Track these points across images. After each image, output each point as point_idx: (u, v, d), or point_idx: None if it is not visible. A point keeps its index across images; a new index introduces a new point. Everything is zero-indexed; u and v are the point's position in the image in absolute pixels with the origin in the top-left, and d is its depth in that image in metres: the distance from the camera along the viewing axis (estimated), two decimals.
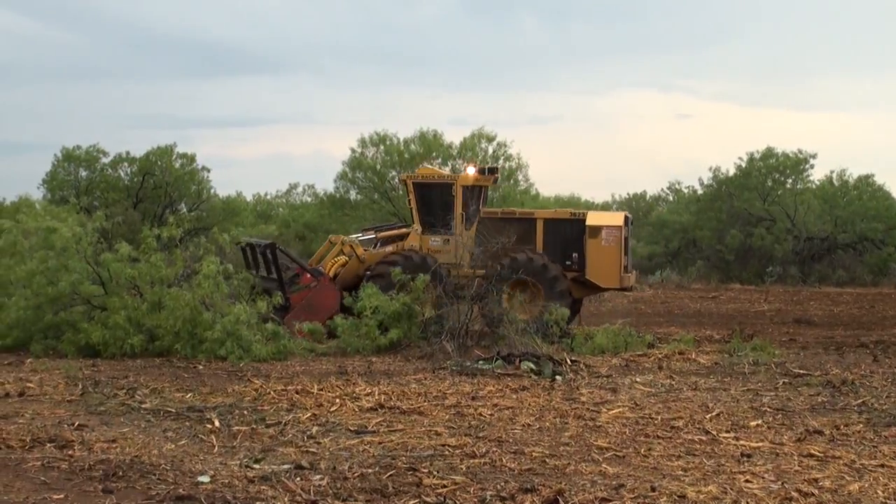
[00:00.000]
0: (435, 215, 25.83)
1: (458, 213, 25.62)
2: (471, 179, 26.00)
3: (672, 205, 61.61)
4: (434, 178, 26.56)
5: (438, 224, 25.75)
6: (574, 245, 25.45)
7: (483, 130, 49.91)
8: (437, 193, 25.90)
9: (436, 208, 25.85)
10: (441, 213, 25.80)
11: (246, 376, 17.50)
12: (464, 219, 25.61)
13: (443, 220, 25.76)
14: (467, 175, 26.19)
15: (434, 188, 26.01)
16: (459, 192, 25.62)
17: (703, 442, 12.05)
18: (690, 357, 20.19)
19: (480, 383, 16.58)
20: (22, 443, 11.46)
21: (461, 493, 9.43)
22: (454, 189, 25.67)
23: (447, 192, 25.75)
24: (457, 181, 25.91)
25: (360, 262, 25.20)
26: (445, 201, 25.76)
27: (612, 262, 25.36)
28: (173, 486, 9.49)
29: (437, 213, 25.82)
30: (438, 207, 25.82)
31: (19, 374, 17.57)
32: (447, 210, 25.73)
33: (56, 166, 52.86)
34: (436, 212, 25.84)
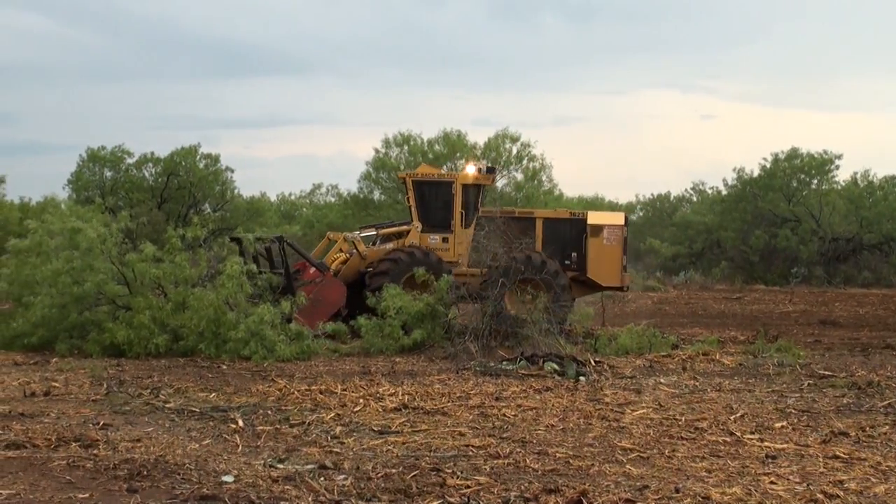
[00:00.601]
0: (434, 214, 25.94)
1: (458, 211, 25.76)
2: (470, 178, 26.16)
3: (696, 205, 61.44)
4: (434, 176, 26.69)
5: (437, 222, 25.87)
6: (573, 245, 25.61)
7: (507, 131, 49.92)
8: (436, 192, 26.02)
9: (435, 207, 25.96)
10: (440, 212, 25.91)
11: (270, 376, 17.53)
12: (463, 217, 25.74)
13: (442, 219, 25.89)
14: (467, 174, 26.35)
15: (433, 186, 26.14)
16: (459, 191, 25.80)
17: (728, 443, 12.01)
18: (714, 358, 20.12)
19: (504, 384, 16.57)
20: (48, 442, 11.51)
21: (485, 494, 9.42)
22: (454, 188, 25.82)
23: (447, 190, 25.89)
24: (456, 180, 26.06)
25: (361, 259, 25.29)
26: (445, 200, 25.91)
27: (614, 261, 25.57)
28: (197, 486, 9.51)
29: (437, 212, 25.92)
30: (438, 206, 25.93)
31: (45, 373, 17.65)
32: (446, 208, 25.85)
33: (81, 167, 53.06)
34: (435, 210, 25.95)
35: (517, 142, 49.71)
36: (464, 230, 25.80)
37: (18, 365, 18.90)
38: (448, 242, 25.82)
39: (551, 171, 51.00)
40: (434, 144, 49.36)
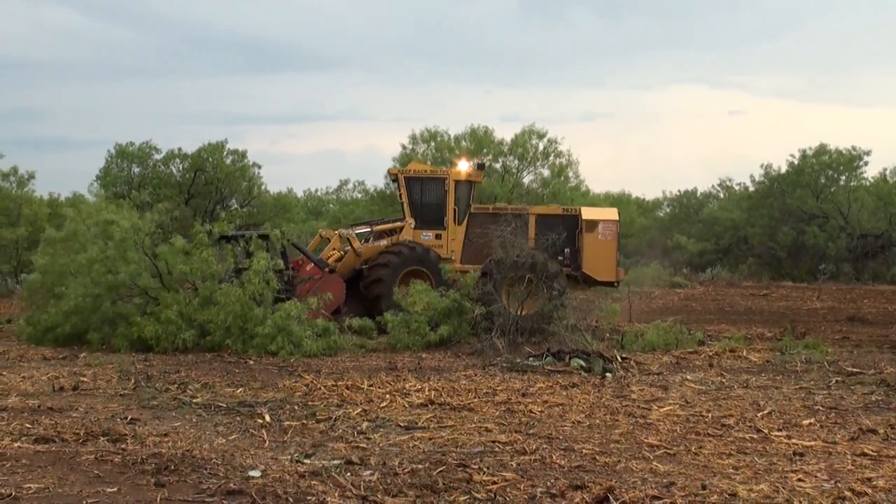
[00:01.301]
0: (427, 210, 26.01)
1: (451, 207, 25.87)
2: (463, 174, 26.24)
3: (723, 202, 61.22)
4: (426, 172, 26.72)
5: (430, 219, 25.96)
6: (566, 241, 25.67)
7: (534, 127, 49.85)
8: (429, 188, 26.08)
9: (428, 203, 26.03)
10: (433, 208, 26.00)
11: (296, 372, 17.57)
12: (456, 214, 25.83)
13: (435, 215, 25.97)
14: (459, 170, 26.41)
15: (426, 183, 26.21)
16: (452, 187, 25.92)
17: (755, 440, 11.96)
18: (741, 355, 20.07)
19: (530, 380, 16.56)
20: (76, 436, 11.56)
21: (511, 490, 9.41)
22: (447, 184, 25.94)
23: (439, 186, 25.98)
24: (449, 176, 26.12)
25: (356, 256, 25.29)
26: (438, 196, 25.99)
27: (609, 255, 25.83)
28: (224, 481, 9.53)
29: (430, 208, 26.00)
30: (430, 202, 26.01)
31: (73, 368, 17.74)
32: (439, 205, 25.95)
33: (109, 162, 53.30)
34: (428, 207, 26.02)
35: (544, 137, 49.66)
36: (456, 226, 25.97)
37: (47, 359, 19.02)
38: (441, 239, 25.95)
39: (578, 167, 50.92)
40: (461, 140, 49.35)
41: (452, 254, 25.82)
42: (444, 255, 25.55)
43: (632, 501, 8.99)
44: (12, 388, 15.37)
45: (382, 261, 24.65)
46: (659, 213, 67.49)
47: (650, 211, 67.47)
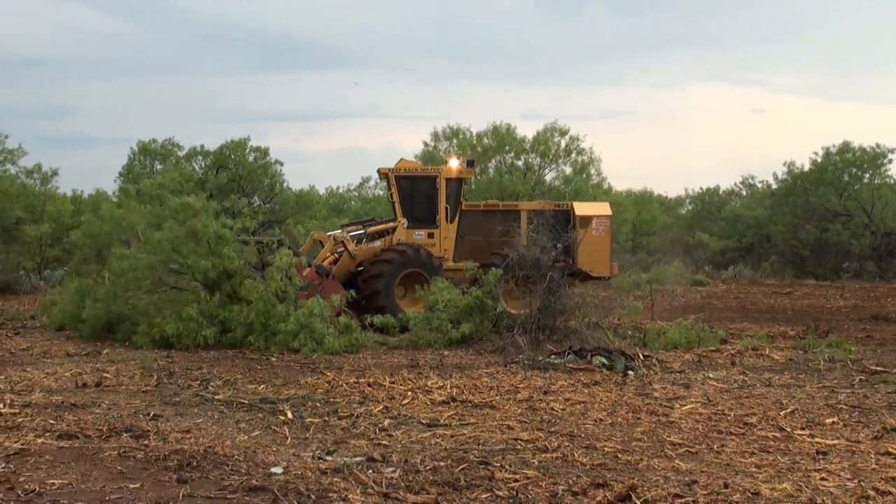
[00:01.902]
0: (419, 209, 25.73)
1: (442, 206, 25.66)
2: (454, 172, 25.95)
3: (746, 199, 61.01)
4: (417, 171, 26.34)
5: (422, 218, 25.73)
6: (556, 236, 25.45)
7: (555, 124, 49.79)
8: (420, 187, 25.80)
9: (419, 202, 25.74)
10: (425, 207, 25.74)
11: (318, 369, 17.60)
12: (448, 212, 25.67)
13: (427, 214, 25.75)
14: (450, 168, 26.08)
15: (417, 181, 25.90)
16: (443, 185, 25.64)
17: (778, 439, 11.92)
18: (764, 353, 20.00)
19: (552, 378, 16.54)
20: (99, 432, 11.61)
21: (533, 488, 9.40)
22: (438, 182, 25.66)
23: (431, 185, 25.72)
24: (440, 174, 25.81)
25: (351, 259, 24.84)
26: (429, 194, 25.73)
27: (603, 250, 25.86)
28: (246, 477, 9.55)
29: (421, 207, 25.74)
30: (422, 201, 25.73)
31: (96, 364, 17.81)
32: (431, 203, 25.71)
33: (132, 159, 53.48)
34: (419, 206, 25.74)
35: (566, 135, 49.58)
36: (448, 225, 25.79)
37: (71, 356, 19.11)
38: (434, 238, 25.73)
39: (600, 164, 50.82)
40: (483, 138, 49.32)
41: (445, 252, 25.67)
42: (437, 254, 25.40)
43: (654, 500, 8.97)
44: (36, 384, 15.44)
45: (385, 258, 24.44)
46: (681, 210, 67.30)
47: (672, 208, 67.33)
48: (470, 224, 26.05)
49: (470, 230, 25.98)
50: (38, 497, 8.79)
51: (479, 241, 25.83)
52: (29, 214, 41.21)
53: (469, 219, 26.13)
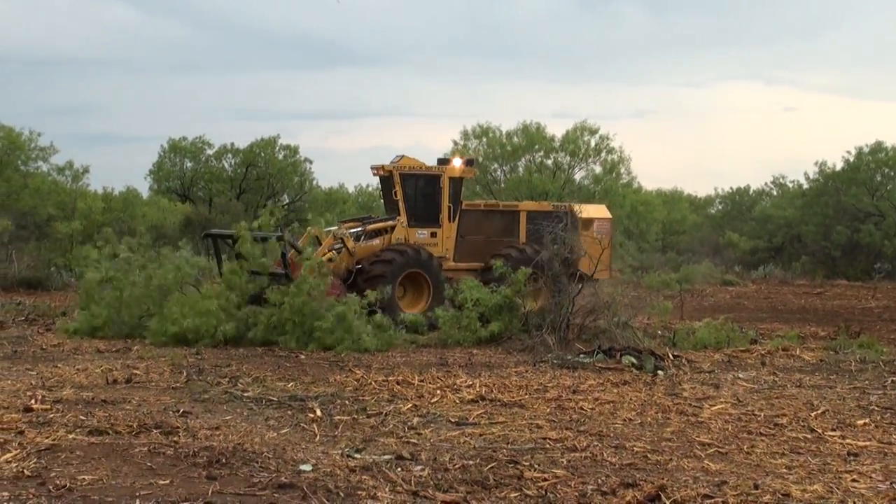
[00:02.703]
0: (422, 208, 25.43)
1: (445, 205, 25.39)
2: (458, 171, 25.71)
3: (776, 199, 60.75)
4: (421, 169, 25.76)
5: (425, 217, 25.44)
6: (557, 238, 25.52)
7: (585, 123, 49.73)
8: (424, 185, 25.49)
9: (423, 201, 25.43)
10: (428, 206, 25.44)
11: (347, 366, 17.62)
12: (450, 211, 25.45)
13: (430, 213, 25.47)
14: (454, 166, 25.80)
15: (421, 180, 25.53)
16: (447, 184, 25.36)
17: (808, 440, 11.86)
18: (795, 354, 19.90)
19: (581, 377, 16.51)
20: (129, 428, 11.65)
21: (562, 487, 9.38)
22: (441, 181, 25.36)
23: (435, 184, 25.41)
24: (444, 173, 25.48)
25: (350, 256, 24.29)
26: (433, 193, 25.43)
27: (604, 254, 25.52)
28: (275, 474, 9.57)
29: (425, 206, 25.43)
30: (425, 200, 25.43)
31: (126, 361, 17.88)
32: (435, 202, 25.42)
33: (162, 157, 53.77)
34: (423, 204, 25.42)
35: (596, 134, 49.58)
36: (450, 224, 25.54)
37: (101, 352, 19.19)
38: (436, 237, 25.44)
39: (630, 163, 50.74)
40: (512, 136, 49.30)
41: (447, 252, 25.45)
42: (440, 254, 25.18)
43: (683, 500, 8.94)
44: (67, 380, 15.51)
45: (386, 258, 24.06)
46: (711, 210, 67.10)
47: (702, 208, 67.15)
48: (470, 224, 25.87)
49: (470, 230, 25.81)
50: (68, 493, 8.83)
51: (479, 240, 25.76)
52: (60, 211, 41.48)
53: (469, 218, 25.94)
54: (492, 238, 25.83)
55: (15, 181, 41.35)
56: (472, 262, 25.48)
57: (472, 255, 25.49)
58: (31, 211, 40.50)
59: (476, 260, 25.47)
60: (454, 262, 25.36)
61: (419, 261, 24.25)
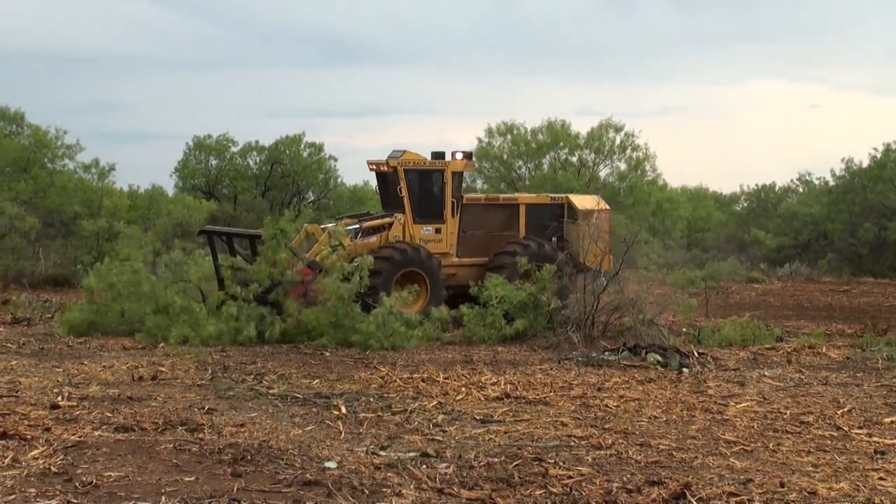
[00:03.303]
0: (427, 204, 25.05)
1: (449, 200, 25.08)
2: (460, 165, 25.43)
3: (802, 196, 60.40)
4: (425, 164, 25.23)
5: (430, 213, 25.08)
6: (555, 229, 25.82)
7: (610, 120, 49.58)
8: (428, 180, 25.14)
9: (427, 196, 25.08)
10: (433, 201, 25.09)
11: (372, 364, 17.64)
12: (453, 207, 25.20)
13: (435, 209, 25.11)
14: (457, 161, 25.40)
15: (425, 175, 25.12)
16: (450, 179, 25.04)
17: (835, 438, 11.81)
18: (821, 351, 19.80)
19: (606, 374, 16.49)
20: (155, 425, 11.70)
21: (587, 485, 9.37)
22: (445, 175, 25.00)
23: (439, 178, 25.04)
24: (447, 167, 25.11)
25: (346, 254, 23.17)
26: (437, 189, 25.09)
27: (602, 244, 25.55)
28: (300, 472, 9.59)
29: (429, 202, 25.07)
30: (430, 195, 25.09)
31: (152, 358, 17.95)
32: (439, 198, 25.07)
33: (187, 155, 53.86)
34: (427, 200, 25.06)
35: (621, 131, 49.37)
36: (453, 219, 25.25)
37: (127, 349, 19.26)
38: (441, 233, 25.10)
39: (655, 160, 50.55)
40: (537, 134, 49.22)
41: (451, 248, 25.15)
42: (444, 250, 24.86)
43: (709, 498, 8.92)
44: (93, 377, 15.59)
45: (385, 255, 23.51)
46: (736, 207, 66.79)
47: (727, 205, 66.85)
48: (471, 218, 25.61)
49: (472, 225, 25.57)
50: (95, 489, 8.87)
51: (481, 235, 25.55)
52: (86, 209, 41.56)
53: (470, 213, 25.64)
54: (493, 232, 25.63)
55: (41, 179, 41.48)
56: (475, 257, 25.27)
57: (475, 251, 25.30)
58: (57, 209, 40.62)
59: (479, 255, 25.27)
60: (458, 259, 25.10)
61: (417, 259, 23.80)
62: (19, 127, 44.91)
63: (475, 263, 25.21)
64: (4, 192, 39.56)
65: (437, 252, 24.64)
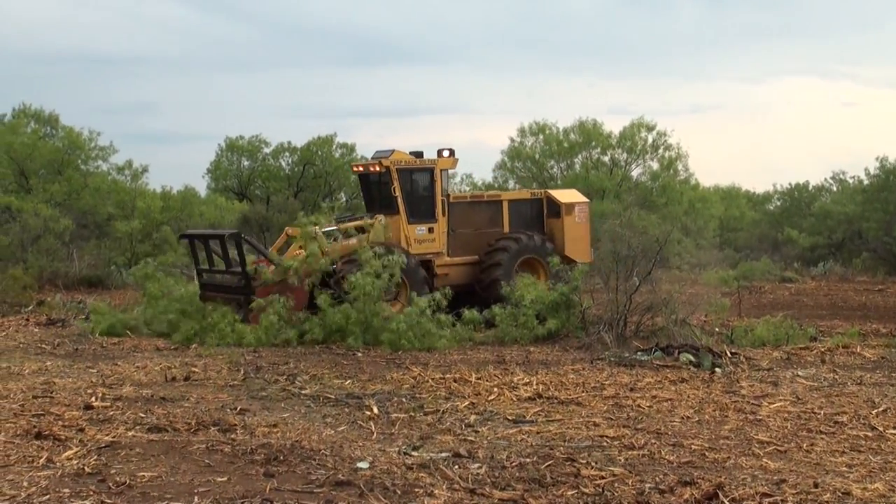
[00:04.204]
0: (418, 203, 24.87)
1: (439, 198, 24.97)
2: (448, 163, 25.33)
3: (836, 195, 60.08)
4: (415, 163, 25.01)
5: (422, 212, 24.90)
6: (535, 224, 26.18)
7: (642, 119, 49.45)
8: (418, 179, 24.95)
9: (418, 195, 24.90)
10: (423, 200, 24.92)
11: (404, 364, 17.65)
12: (443, 205, 25.08)
13: (426, 208, 24.94)
14: (445, 159, 25.27)
15: (416, 174, 24.93)
16: (439, 177, 24.93)
17: (869, 438, 11.73)
18: (855, 351, 19.65)
19: (639, 374, 16.43)
20: (187, 426, 11.74)
21: (619, 485, 9.35)
22: (434, 174, 24.86)
23: (429, 177, 24.88)
24: (436, 165, 24.96)
25: (323, 255, 22.63)
26: (427, 187, 24.94)
27: (585, 237, 26.07)
28: (333, 472, 9.60)
29: (420, 201, 24.88)
30: (420, 194, 24.92)
31: (185, 358, 18.03)
32: (429, 196, 24.92)
33: (220, 156, 54.15)
34: (418, 199, 24.88)
35: (653, 130, 49.26)
36: (443, 218, 25.12)
37: (160, 350, 19.37)
38: (433, 233, 24.90)
39: (687, 159, 50.40)
40: (569, 133, 49.16)
41: (443, 247, 25.00)
42: (437, 250, 24.74)
43: (742, 498, 8.87)
44: (127, 378, 15.67)
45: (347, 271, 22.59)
46: (769, 206, 66.49)
47: (760, 204, 66.56)
48: (458, 217, 25.53)
49: (459, 223, 25.51)
50: (128, 489, 8.91)
51: (469, 233, 25.54)
52: (120, 210, 41.88)
53: (456, 211, 25.54)
54: (480, 230, 25.65)
55: (75, 181, 41.81)
56: (465, 255, 25.24)
57: (464, 249, 25.27)
58: (91, 210, 40.94)
59: (468, 253, 25.26)
60: (449, 258, 24.95)
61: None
62: (53, 129, 45.30)
63: (466, 262, 25.28)
64: (39, 193, 39.91)
65: (430, 252, 24.55)
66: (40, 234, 36.23)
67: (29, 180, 41.39)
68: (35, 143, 42.08)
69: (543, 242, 25.51)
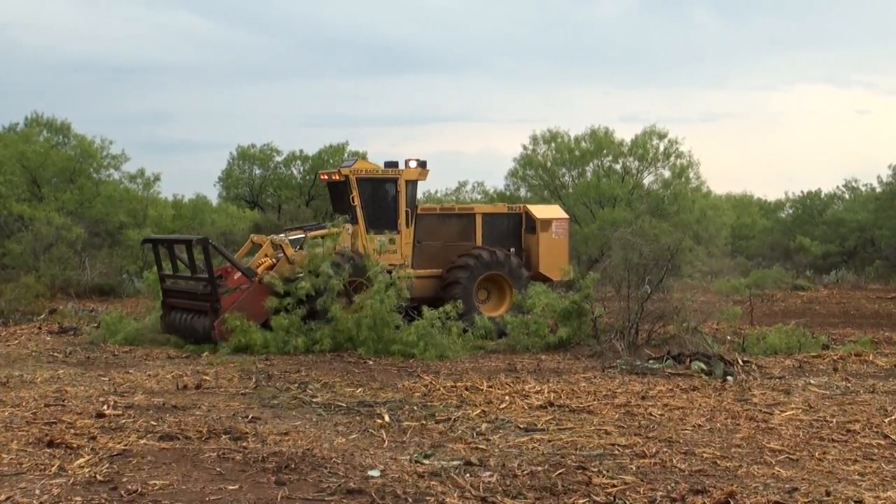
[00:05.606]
0: (380, 213, 24.61)
1: (403, 209, 24.70)
2: (414, 174, 25.04)
3: (849, 203, 59.97)
4: (378, 173, 24.81)
5: (384, 222, 24.65)
6: (511, 239, 25.74)
7: (654, 127, 49.36)
8: (381, 189, 24.70)
9: (380, 205, 24.62)
10: (385, 211, 24.66)
11: (415, 372, 17.66)
12: (408, 216, 24.82)
13: (388, 218, 24.69)
14: (411, 169, 25.00)
15: (378, 184, 24.67)
16: (404, 188, 24.66)
17: (882, 446, 11.70)
18: (868, 359, 19.60)
19: (650, 383, 16.41)
20: (199, 434, 11.76)
21: (631, 493, 9.34)
22: (399, 184, 24.61)
23: (392, 187, 24.63)
24: (401, 175, 24.71)
25: (289, 264, 22.52)
26: (390, 198, 24.67)
27: (562, 254, 25.66)
28: (344, 480, 9.60)
29: (383, 211, 24.64)
30: (382, 204, 24.64)
31: (196, 366, 18.05)
32: (392, 207, 24.66)
33: (231, 164, 54.21)
34: (380, 209, 24.61)
35: (665, 138, 49.11)
36: (408, 229, 24.84)
37: (171, 358, 19.40)
38: (395, 244, 24.54)
39: (699, 167, 50.28)
40: (581, 141, 49.09)
41: (405, 258, 24.68)
42: (398, 262, 24.22)
43: None
44: (138, 386, 15.71)
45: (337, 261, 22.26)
46: (781, 214, 66.41)
47: (772, 212, 66.48)
48: (426, 229, 25.30)
49: (426, 235, 25.26)
50: (140, 497, 8.93)
51: (436, 246, 25.25)
52: (132, 219, 41.95)
53: (425, 223, 25.32)
54: (448, 243, 25.35)
55: (87, 189, 41.88)
56: (430, 268, 24.92)
57: (429, 262, 24.96)
58: (103, 218, 41.02)
59: (434, 266, 24.94)
60: (413, 270, 24.18)
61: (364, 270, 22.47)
62: (66, 137, 45.37)
63: (431, 275, 24.88)
64: (51, 202, 39.98)
65: (392, 263, 23.91)
66: (52, 243, 36.33)
67: (41, 189, 41.46)
68: (47, 152, 42.18)
69: (508, 258, 25.01)
